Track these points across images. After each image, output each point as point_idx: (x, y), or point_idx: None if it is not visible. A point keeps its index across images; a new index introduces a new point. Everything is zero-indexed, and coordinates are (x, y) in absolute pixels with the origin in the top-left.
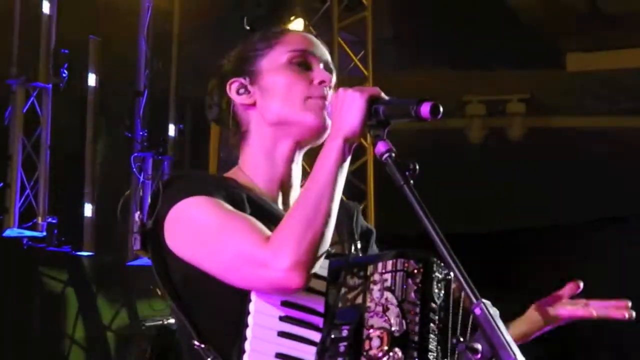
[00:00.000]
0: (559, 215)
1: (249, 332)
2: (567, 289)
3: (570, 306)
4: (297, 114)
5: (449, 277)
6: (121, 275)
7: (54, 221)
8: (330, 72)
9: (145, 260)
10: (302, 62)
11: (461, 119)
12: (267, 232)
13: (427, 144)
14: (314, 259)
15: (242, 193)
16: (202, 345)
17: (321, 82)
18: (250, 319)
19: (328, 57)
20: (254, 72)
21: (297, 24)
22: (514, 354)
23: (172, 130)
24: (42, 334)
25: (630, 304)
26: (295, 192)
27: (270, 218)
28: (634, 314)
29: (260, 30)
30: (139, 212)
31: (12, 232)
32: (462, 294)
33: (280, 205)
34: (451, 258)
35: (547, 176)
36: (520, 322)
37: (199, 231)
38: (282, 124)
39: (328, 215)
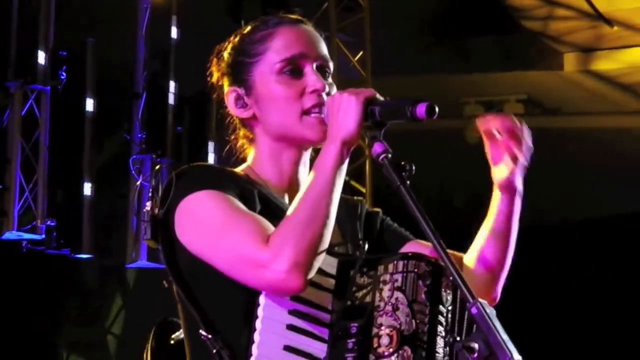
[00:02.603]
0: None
1: (258, 324)
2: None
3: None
4: (295, 131)
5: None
6: (120, 277)
7: (52, 224)
8: (324, 65)
9: (144, 263)
10: (293, 69)
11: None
12: (272, 230)
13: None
14: (312, 261)
15: (253, 189)
16: (210, 336)
17: (314, 91)
18: (260, 311)
19: (322, 49)
20: (247, 83)
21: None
22: (510, 352)
23: (170, 132)
24: (41, 337)
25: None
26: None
27: (279, 214)
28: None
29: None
30: (150, 202)
31: (11, 235)
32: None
33: (289, 202)
34: (447, 257)
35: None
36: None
37: (205, 226)
38: (282, 138)
39: (326, 217)
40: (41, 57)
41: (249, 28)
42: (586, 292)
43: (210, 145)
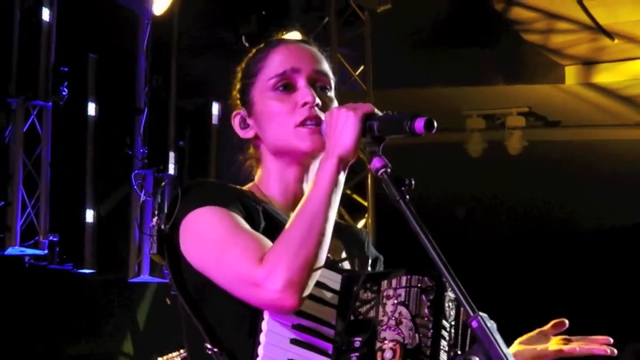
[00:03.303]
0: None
1: (262, 338)
2: (553, 326)
3: (555, 344)
4: (289, 144)
5: None
6: (123, 292)
7: (55, 239)
8: (320, 79)
9: (147, 277)
10: (286, 85)
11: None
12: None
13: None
14: (306, 278)
15: (258, 206)
16: (215, 350)
17: (304, 104)
18: (264, 325)
19: (319, 65)
20: (248, 103)
21: (292, 35)
22: None
23: (172, 147)
24: (43, 353)
25: (612, 340)
26: None
27: None
28: (615, 350)
29: (253, 46)
30: (156, 218)
31: (13, 250)
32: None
33: None
34: (448, 271)
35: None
36: None
37: (206, 242)
38: (282, 153)
39: (321, 235)
40: (43, 73)
41: (253, 51)
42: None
43: (212, 161)
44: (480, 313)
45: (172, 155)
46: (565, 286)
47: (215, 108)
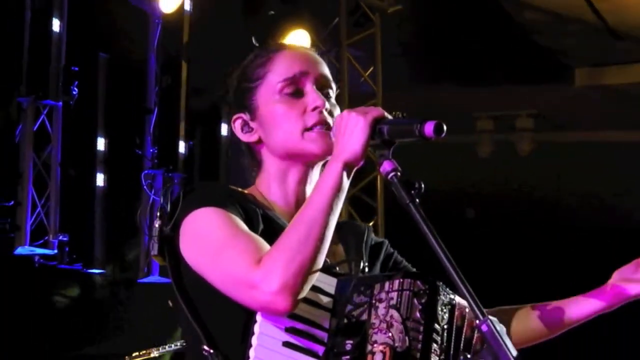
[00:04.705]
0: None
1: (254, 340)
2: None
3: None
4: (298, 147)
5: (454, 302)
6: (132, 292)
7: (65, 239)
8: (326, 85)
9: (156, 278)
10: (294, 90)
11: (470, 134)
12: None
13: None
14: (302, 282)
15: (258, 209)
16: (212, 351)
17: (315, 109)
18: (256, 327)
19: (323, 70)
20: (251, 107)
21: (298, 36)
22: None
23: (182, 147)
24: (53, 353)
25: None
26: None
27: None
28: None
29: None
30: (159, 219)
31: (23, 250)
32: (465, 322)
33: None
34: (457, 275)
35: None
36: (599, 294)
37: (204, 243)
38: (287, 156)
39: (320, 240)
40: (53, 72)
41: (252, 55)
42: None
43: (222, 161)
44: (490, 317)
45: (181, 155)
46: (574, 284)
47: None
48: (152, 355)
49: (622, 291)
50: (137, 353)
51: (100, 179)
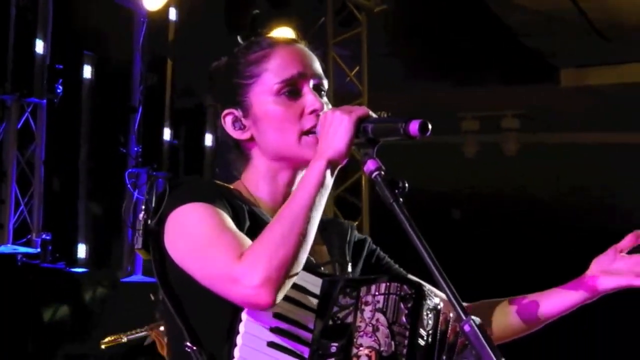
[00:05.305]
0: None
1: (239, 339)
2: (628, 240)
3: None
4: (294, 151)
5: (439, 307)
6: (115, 291)
7: (48, 237)
8: (321, 84)
9: (139, 277)
10: (292, 90)
11: (456, 134)
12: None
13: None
14: (284, 278)
15: (244, 206)
16: (194, 348)
17: (313, 112)
18: (241, 327)
19: (317, 67)
20: (244, 104)
21: (283, 33)
22: None
23: (166, 146)
24: (36, 352)
25: None
26: None
27: None
28: None
29: (247, 40)
30: (143, 213)
31: (6, 248)
32: (449, 327)
33: None
34: (440, 274)
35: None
36: (575, 286)
37: (188, 238)
38: (281, 158)
39: (303, 236)
40: (38, 70)
41: (242, 49)
42: None
43: (206, 159)
44: (473, 317)
45: (166, 154)
46: (562, 282)
47: None
48: (123, 340)
49: (600, 284)
50: (109, 338)
51: (84, 178)
